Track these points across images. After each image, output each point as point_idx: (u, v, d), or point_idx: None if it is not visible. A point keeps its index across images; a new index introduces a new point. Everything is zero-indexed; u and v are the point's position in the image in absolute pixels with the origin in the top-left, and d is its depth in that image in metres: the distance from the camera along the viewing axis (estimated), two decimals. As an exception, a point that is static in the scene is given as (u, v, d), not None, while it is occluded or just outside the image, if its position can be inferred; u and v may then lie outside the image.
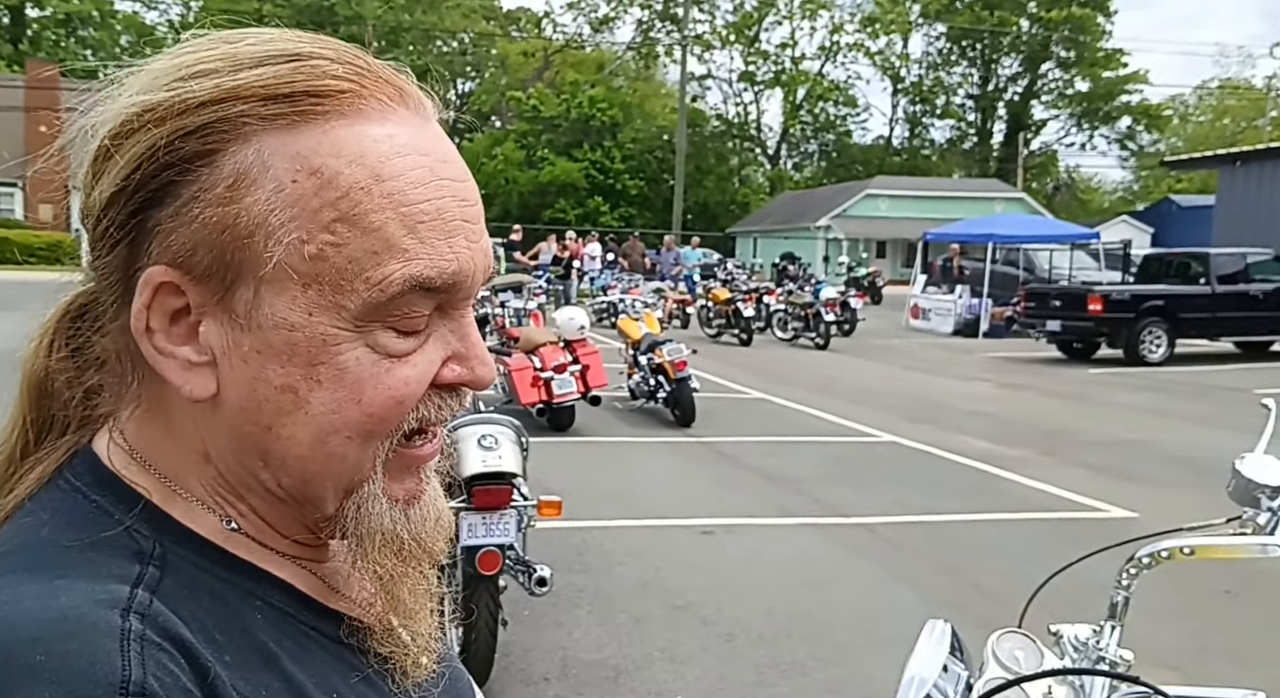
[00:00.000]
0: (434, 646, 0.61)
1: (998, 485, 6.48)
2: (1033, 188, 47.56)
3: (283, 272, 0.49)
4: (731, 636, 3.82)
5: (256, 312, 0.50)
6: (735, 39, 50.45)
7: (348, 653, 0.57)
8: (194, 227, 0.49)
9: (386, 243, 0.50)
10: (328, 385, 0.51)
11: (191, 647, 0.46)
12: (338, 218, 0.49)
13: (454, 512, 3.11)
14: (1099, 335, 13.74)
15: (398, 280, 0.50)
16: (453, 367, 0.55)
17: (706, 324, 15.83)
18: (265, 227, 0.49)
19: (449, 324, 0.54)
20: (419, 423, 0.54)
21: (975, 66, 52.26)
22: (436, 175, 0.52)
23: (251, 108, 0.49)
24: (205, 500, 0.54)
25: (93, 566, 0.48)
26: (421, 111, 0.54)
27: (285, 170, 0.49)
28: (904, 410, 9.28)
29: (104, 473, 0.54)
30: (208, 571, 0.52)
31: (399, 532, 0.56)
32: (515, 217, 34.82)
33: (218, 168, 0.49)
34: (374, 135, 0.50)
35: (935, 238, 20.00)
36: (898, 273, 33.19)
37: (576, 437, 7.56)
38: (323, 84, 0.50)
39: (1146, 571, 1.00)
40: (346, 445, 0.52)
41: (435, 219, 0.51)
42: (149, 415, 0.55)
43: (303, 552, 0.58)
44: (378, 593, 0.57)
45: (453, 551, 3.19)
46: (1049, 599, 1.26)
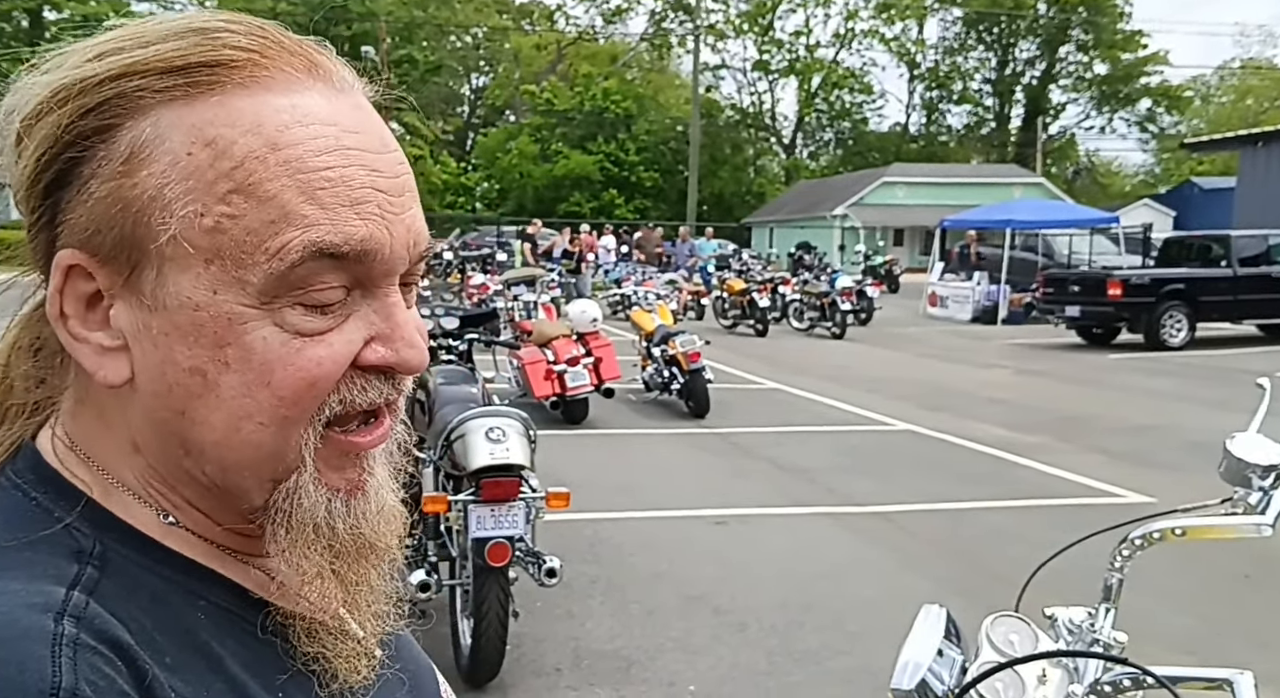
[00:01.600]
0: (374, 647, 0.58)
1: (1014, 472, 6.44)
2: (1052, 173, 47.10)
3: (183, 248, 0.48)
4: (744, 625, 3.82)
5: (161, 291, 0.49)
6: (749, 28, 50.20)
7: (289, 651, 0.55)
8: (91, 204, 0.49)
9: (283, 211, 0.48)
10: (236, 367, 0.49)
11: (129, 649, 0.45)
12: (233, 189, 0.47)
13: (463, 504, 3.14)
14: (1119, 320, 13.61)
15: (296, 247, 0.48)
16: (376, 348, 0.52)
17: (722, 315, 15.80)
18: (160, 201, 0.48)
19: (373, 303, 0.52)
20: (342, 407, 0.52)
21: (992, 51, 51.74)
22: (342, 144, 0.49)
23: (148, 82, 0.48)
24: (139, 493, 0.53)
25: (30, 566, 0.47)
26: (337, 85, 0.52)
27: (181, 143, 0.48)
28: (921, 399, 9.22)
29: (45, 470, 0.53)
30: (149, 569, 0.51)
31: (335, 524, 0.53)
32: (530, 211, 34.84)
33: (115, 143, 0.48)
34: (275, 105, 0.49)
35: (953, 225, 19.86)
36: (915, 261, 32.98)
37: (590, 429, 7.57)
38: (220, 55, 0.49)
39: (1140, 552, 0.99)
40: (261, 432, 0.50)
41: (339, 186, 0.49)
42: (82, 406, 0.54)
43: (245, 544, 0.55)
44: (307, 587, 0.55)
45: (462, 542, 3.21)
46: (1054, 583, 1.24)
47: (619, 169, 42.14)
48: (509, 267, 16.45)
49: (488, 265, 15.79)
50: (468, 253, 16.89)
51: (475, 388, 3.90)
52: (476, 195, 45.18)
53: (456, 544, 3.33)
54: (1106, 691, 0.94)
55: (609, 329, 9.82)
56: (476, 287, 12.39)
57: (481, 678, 3.23)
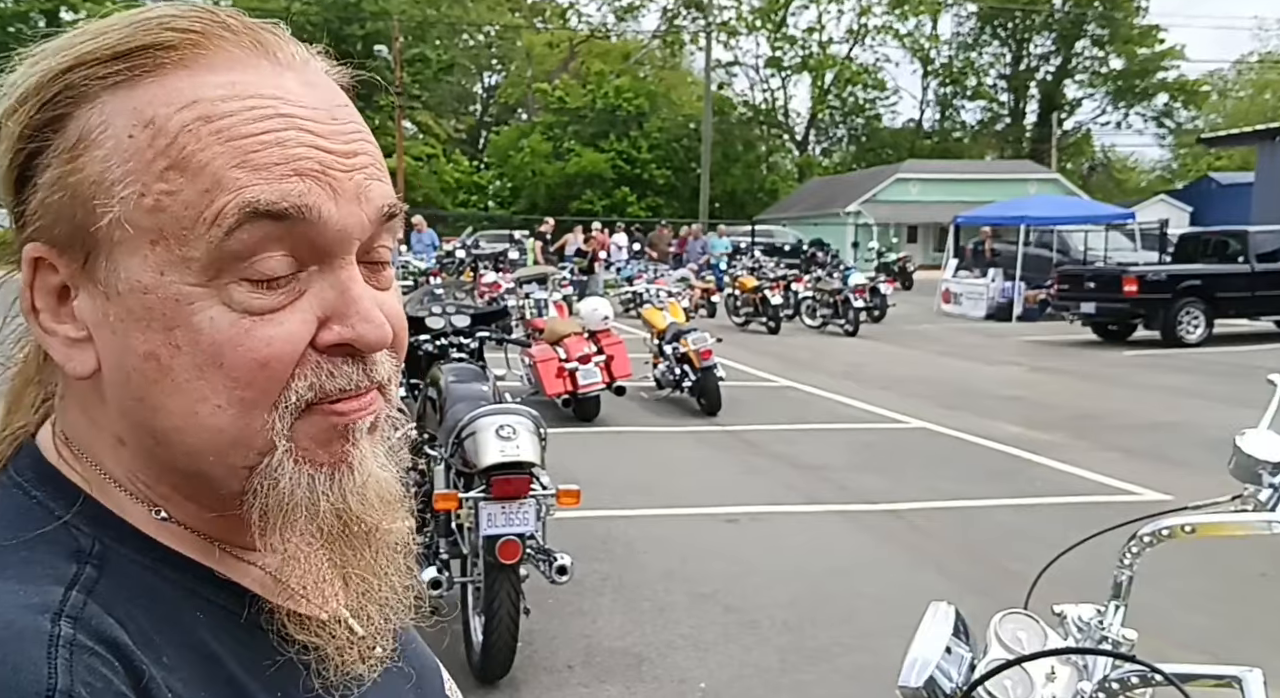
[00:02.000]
0: (376, 636, 0.57)
1: (1029, 470, 6.40)
2: (1067, 168, 46.75)
3: (128, 230, 0.48)
4: (755, 623, 3.81)
5: (114, 277, 0.48)
6: (761, 24, 50.07)
7: (289, 648, 0.54)
8: (42, 195, 0.49)
9: (216, 178, 0.47)
10: (186, 349, 0.48)
11: (126, 649, 0.45)
12: (169, 165, 0.47)
13: (473, 502, 3.15)
14: (1135, 317, 13.50)
15: (231, 211, 0.47)
16: (332, 326, 0.50)
17: (734, 312, 15.77)
18: (103, 183, 0.48)
19: (328, 279, 0.50)
20: (313, 393, 0.50)
21: (1007, 46, 51.40)
22: (280, 112, 0.48)
23: (93, 71, 0.49)
24: (129, 489, 0.52)
25: (28, 566, 0.47)
26: (283, 61, 0.51)
27: (123, 126, 0.48)
28: (934, 396, 9.18)
29: (45, 467, 0.53)
30: (148, 568, 0.51)
31: (317, 502, 0.51)
32: (543, 209, 34.89)
33: (65, 133, 0.49)
34: (213, 82, 0.48)
35: (967, 221, 19.75)
36: (929, 258, 32.82)
37: (601, 427, 7.57)
38: (161, 38, 0.49)
39: (1149, 549, 0.98)
40: (219, 415, 0.49)
41: (273, 147, 0.48)
42: (70, 401, 0.54)
43: (238, 537, 0.54)
44: (292, 567, 0.54)
45: (473, 540, 3.22)
46: (1067, 580, 1.23)
47: (631, 167, 42.10)
48: (521, 265, 16.47)
49: (500, 263, 15.81)
50: (480, 251, 16.91)
51: (486, 386, 3.91)
52: (489, 194, 45.25)
53: (468, 542, 3.33)
54: (1115, 688, 0.93)
55: (620, 327, 9.83)
56: (489, 285, 12.43)
57: (493, 675, 3.23)
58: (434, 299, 5.25)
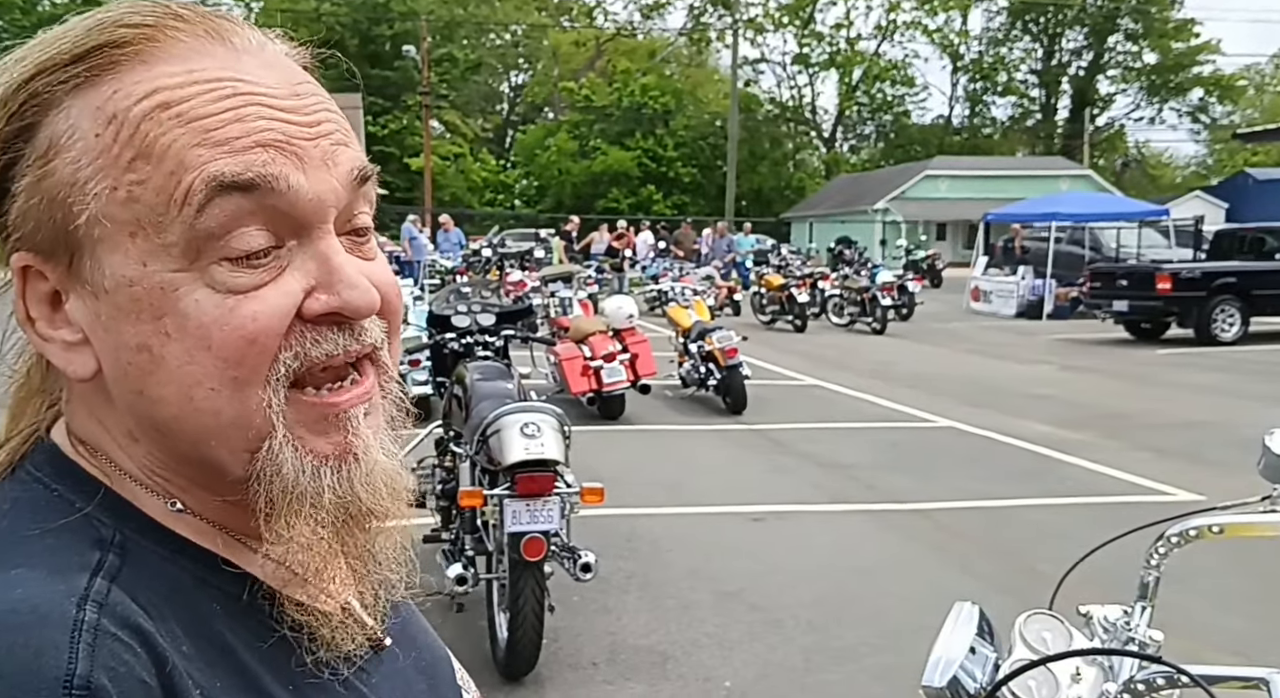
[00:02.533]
0: (378, 618, 0.58)
1: (1059, 470, 6.32)
2: (1099, 165, 46.08)
3: (107, 225, 0.48)
4: (780, 622, 3.80)
5: (100, 275, 0.49)
6: (789, 21, 49.79)
7: (295, 633, 0.54)
8: (20, 203, 0.50)
9: (180, 160, 0.47)
10: (176, 336, 0.49)
11: (150, 636, 0.46)
12: (135, 155, 0.48)
13: (498, 499, 3.17)
14: (1168, 315, 13.30)
15: (198, 187, 0.47)
16: (318, 296, 0.51)
17: (760, 311, 15.71)
18: (76, 183, 0.49)
19: (309, 250, 0.51)
20: (298, 362, 0.50)
21: (1038, 41, 50.74)
22: (239, 91, 0.49)
23: (54, 76, 0.49)
24: (144, 482, 0.53)
25: (53, 554, 0.48)
26: (242, 47, 0.51)
27: (89, 126, 0.49)
28: (963, 395, 9.10)
29: (63, 462, 0.54)
30: (167, 558, 0.51)
31: (323, 493, 0.52)
32: (569, 207, 34.94)
33: (35, 142, 0.50)
34: (170, 72, 0.49)
35: (997, 218, 19.54)
36: (958, 255, 32.49)
37: (627, 425, 7.58)
38: (115, 35, 0.49)
39: (1176, 549, 0.97)
40: (214, 397, 0.49)
41: (233, 123, 0.48)
42: (76, 405, 0.55)
43: (251, 528, 0.54)
44: (300, 555, 0.54)
45: (498, 537, 3.24)
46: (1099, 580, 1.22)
47: (657, 165, 42.08)
48: (546, 264, 16.52)
49: (525, 262, 15.87)
50: (506, 250, 16.98)
51: (511, 384, 3.92)
52: (515, 193, 45.43)
53: (493, 539, 3.35)
54: (1140, 689, 0.92)
55: (645, 325, 9.83)
56: (514, 283, 12.47)
57: (518, 671, 3.25)
58: (460, 298, 5.28)
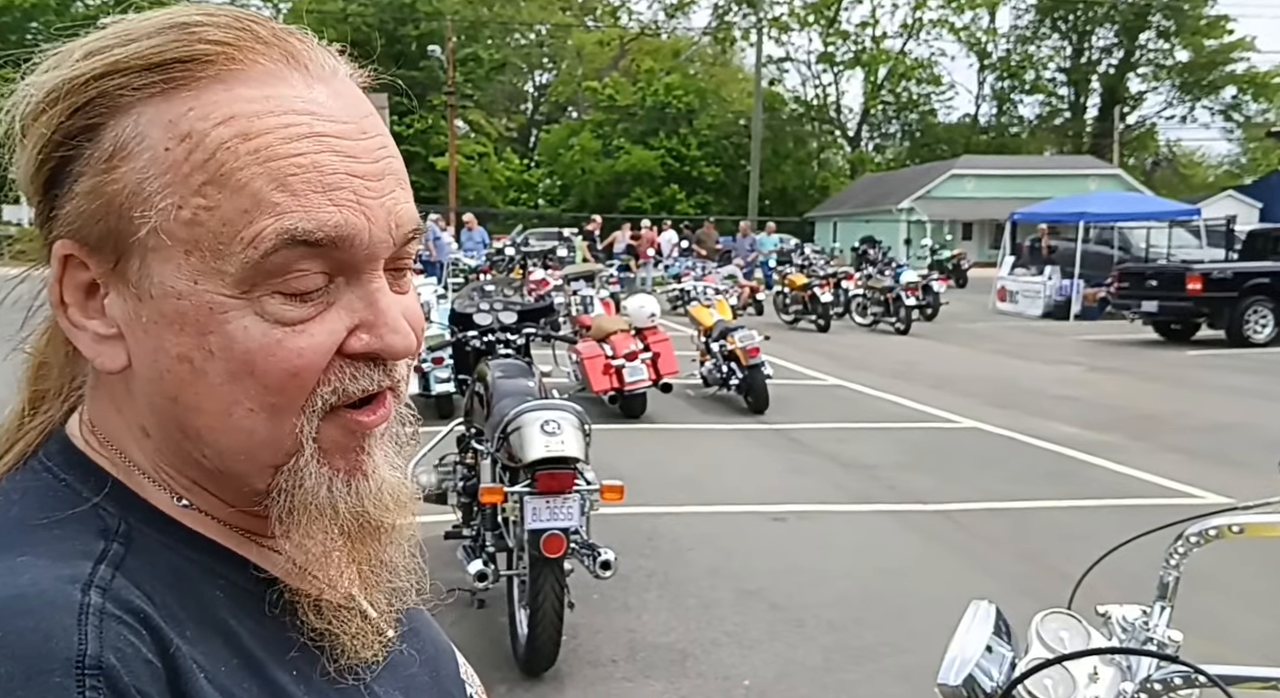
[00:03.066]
0: (387, 623, 0.60)
1: (1086, 472, 6.25)
2: (1129, 164, 45.47)
3: (164, 239, 0.49)
4: (801, 621, 3.79)
5: (147, 281, 0.50)
6: (814, 20, 49.56)
7: (298, 627, 0.56)
8: (79, 199, 0.50)
9: (255, 199, 0.48)
10: (220, 355, 0.50)
11: (152, 619, 0.47)
12: (207, 180, 0.48)
13: (519, 496, 3.18)
14: (1199, 316, 13.11)
15: (269, 235, 0.48)
16: (360, 335, 0.52)
17: (783, 310, 15.65)
18: (140, 194, 0.49)
19: (357, 291, 0.52)
20: (336, 396, 0.52)
21: (1067, 39, 50.15)
22: (315, 131, 0.50)
23: (129, 80, 0.49)
24: (153, 476, 0.55)
25: (59, 542, 0.49)
26: (314, 73, 0.52)
27: (159, 138, 0.49)
28: (988, 396, 9.02)
29: (74, 453, 0.55)
30: (171, 548, 0.53)
31: (337, 505, 0.53)
32: (592, 207, 35.01)
33: (100, 141, 0.50)
34: (247, 96, 0.49)
35: (1024, 218, 19.34)
36: (984, 255, 32.20)
37: (648, 424, 7.58)
38: (195, 50, 0.50)
39: (1196, 549, 0.96)
40: (251, 418, 0.51)
41: (310, 172, 0.49)
42: (98, 392, 0.56)
43: (256, 525, 0.56)
44: (315, 566, 0.56)
45: (519, 534, 3.25)
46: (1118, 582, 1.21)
47: (680, 164, 42.05)
48: (569, 262, 16.56)
49: (548, 261, 15.92)
50: (529, 249, 17.04)
51: (532, 381, 3.94)
52: (539, 192, 45.58)
53: (513, 536, 3.37)
54: (1158, 689, 0.91)
55: (667, 324, 9.83)
56: (537, 282, 12.51)
57: (538, 668, 3.27)
58: (483, 296, 5.31)
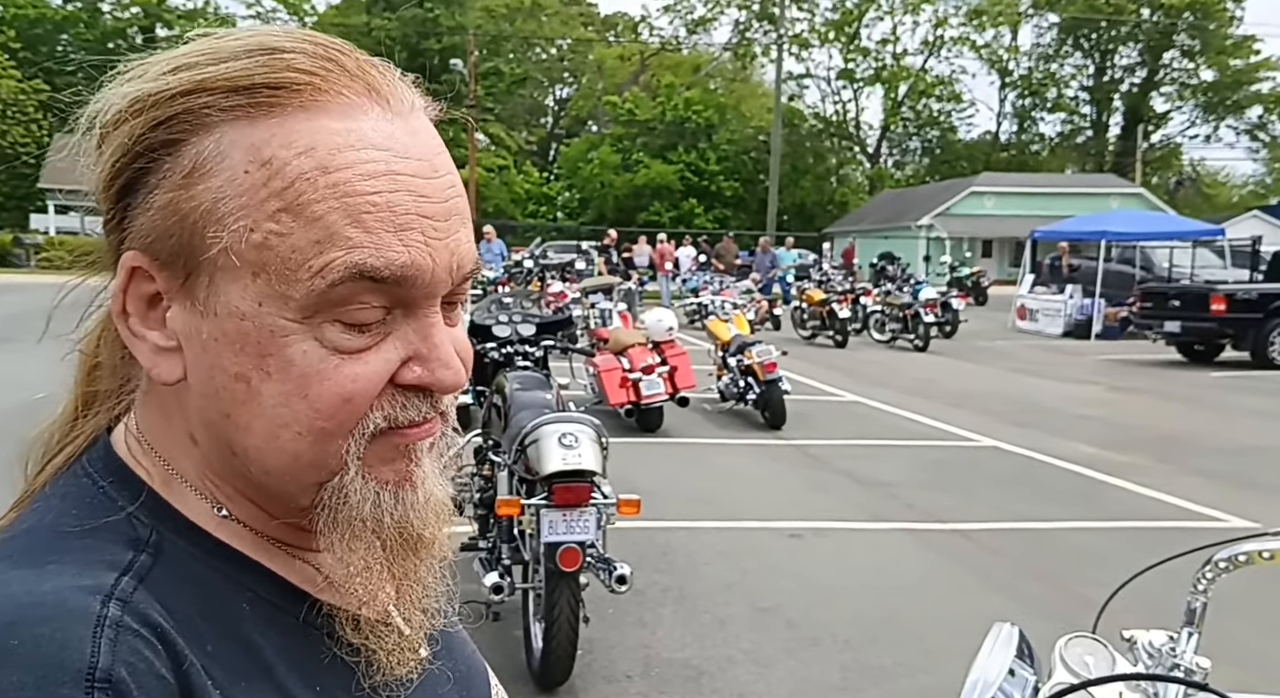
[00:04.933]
0: (420, 641, 0.60)
1: (1107, 493, 6.18)
2: (1152, 183, 45.17)
3: (233, 260, 0.50)
4: (817, 639, 3.76)
5: (213, 299, 0.51)
6: (834, 37, 49.64)
7: (332, 644, 0.56)
8: (153, 213, 0.51)
9: (329, 232, 0.49)
10: (277, 377, 0.51)
11: (168, 634, 0.48)
12: (283, 208, 0.49)
13: (535, 508, 3.18)
14: (1223, 337, 12.96)
15: (338, 267, 0.49)
16: (413, 367, 0.53)
17: (800, 326, 15.62)
18: (215, 214, 0.50)
19: (412, 324, 0.53)
20: (386, 422, 0.53)
21: (1090, 57, 49.94)
22: (392, 169, 0.51)
23: (214, 99, 0.50)
24: (197, 485, 0.55)
25: (88, 551, 0.50)
26: (394, 108, 0.53)
27: (239, 161, 0.50)
28: (1007, 414, 8.95)
29: (114, 460, 0.56)
30: (200, 560, 0.53)
31: (382, 517, 0.54)
32: (611, 220, 35.13)
33: (180, 157, 0.51)
34: (330, 129, 0.50)
35: (1044, 236, 19.22)
36: (1004, 273, 32.02)
37: (664, 438, 7.57)
38: (282, 77, 0.51)
39: (1224, 574, 0.94)
40: (299, 441, 0.52)
41: (384, 211, 0.50)
42: (148, 399, 0.57)
43: (295, 538, 0.57)
44: (355, 580, 0.56)
45: (535, 546, 3.25)
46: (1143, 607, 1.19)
47: (699, 178, 42.12)
48: (588, 275, 16.60)
49: (567, 274, 15.97)
50: (547, 261, 17.12)
51: (550, 394, 3.95)
52: (558, 205, 45.79)
53: (529, 548, 3.37)
54: (1185, 717, 0.90)
55: (685, 338, 9.82)
56: (555, 294, 12.55)
57: (553, 682, 3.26)
58: (501, 308, 5.33)
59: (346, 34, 0.57)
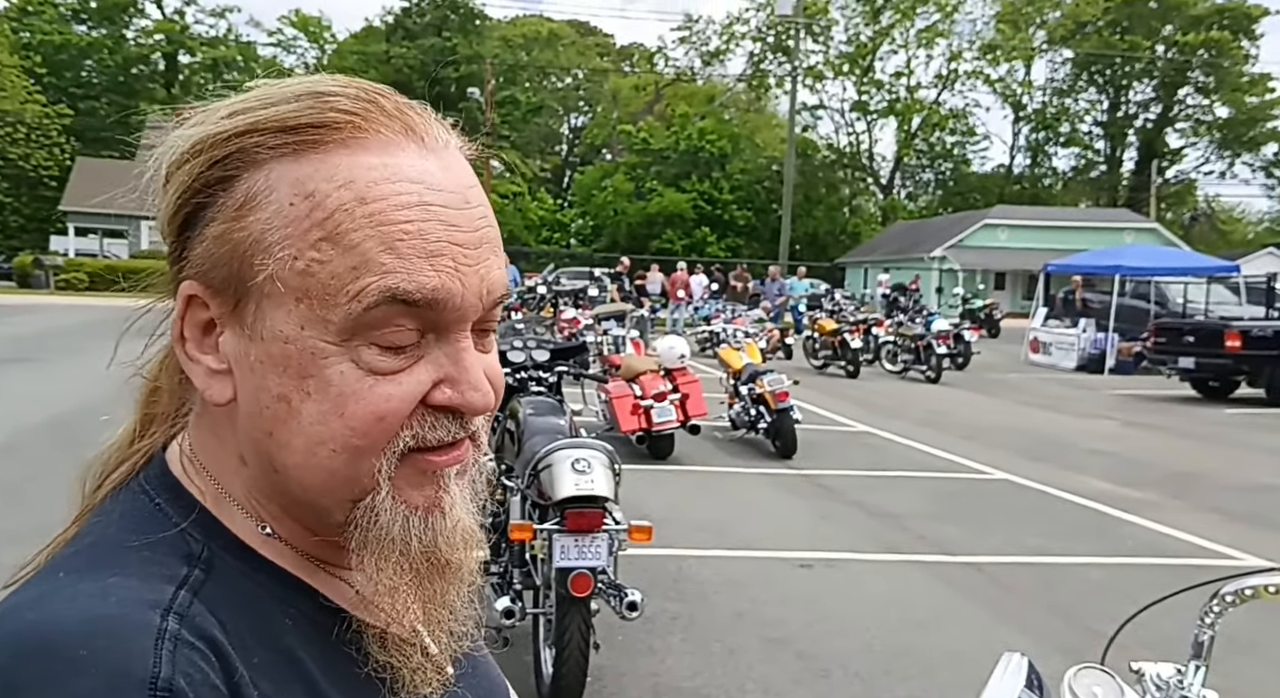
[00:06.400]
0: (446, 662, 0.62)
1: (1120, 529, 6.14)
2: (1167, 218, 45.10)
3: (278, 286, 0.54)
4: (828, 671, 3.75)
5: (260, 324, 0.55)
6: (849, 69, 50.04)
7: (363, 659, 0.59)
8: (208, 244, 0.55)
9: (364, 259, 0.53)
10: (315, 397, 0.54)
11: (222, 647, 0.51)
12: (324, 237, 0.53)
13: (547, 533, 3.20)
14: (1238, 373, 12.89)
15: (373, 291, 0.52)
16: (444, 389, 0.56)
17: (812, 355, 15.61)
18: (263, 244, 0.54)
19: (445, 348, 0.56)
20: (415, 441, 0.56)
21: (1104, 92, 50.14)
22: (424, 200, 0.54)
23: (265, 139, 0.54)
24: (244, 504, 0.59)
25: (146, 565, 0.53)
26: (429, 145, 0.57)
27: (286, 194, 0.54)
28: (1020, 448, 8.91)
29: (169, 478, 0.60)
30: (248, 576, 0.57)
31: (410, 541, 0.57)
32: (623, 247, 35.32)
33: (233, 192, 0.55)
34: (368, 163, 0.54)
35: (1058, 269, 19.21)
36: (1017, 305, 31.97)
37: (675, 465, 7.57)
38: (326, 117, 0.55)
39: (1231, 608, 0.96)
40: (334, 458, 0.55)
41: (416, 238, 0.53)
42: (201, 420, 0.61)
43: (335, 556, 0.60)
44: (384, 599, 0.59)
45: (546, 571, 3.26)
46: (1153, 641, 1.20)
47: (712, 207, 42.34)
48: (600, 302, 16.67)
49: (580, 300, 16.05)
50: (560, 288, 17.21)
51: (563, 419, 3.97)
52: (571, 231, 46.08)
53: (540, 573, 3.38)
54: (1193, 748, 0.91)
55: (697, 366, 9.84)
56: (568, 320, 12.62)
57: (561, 708, 3.25)
58: (515, 334, 5.37)
59: (366, 62, 0.60)
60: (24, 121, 33.97)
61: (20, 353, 12.25)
